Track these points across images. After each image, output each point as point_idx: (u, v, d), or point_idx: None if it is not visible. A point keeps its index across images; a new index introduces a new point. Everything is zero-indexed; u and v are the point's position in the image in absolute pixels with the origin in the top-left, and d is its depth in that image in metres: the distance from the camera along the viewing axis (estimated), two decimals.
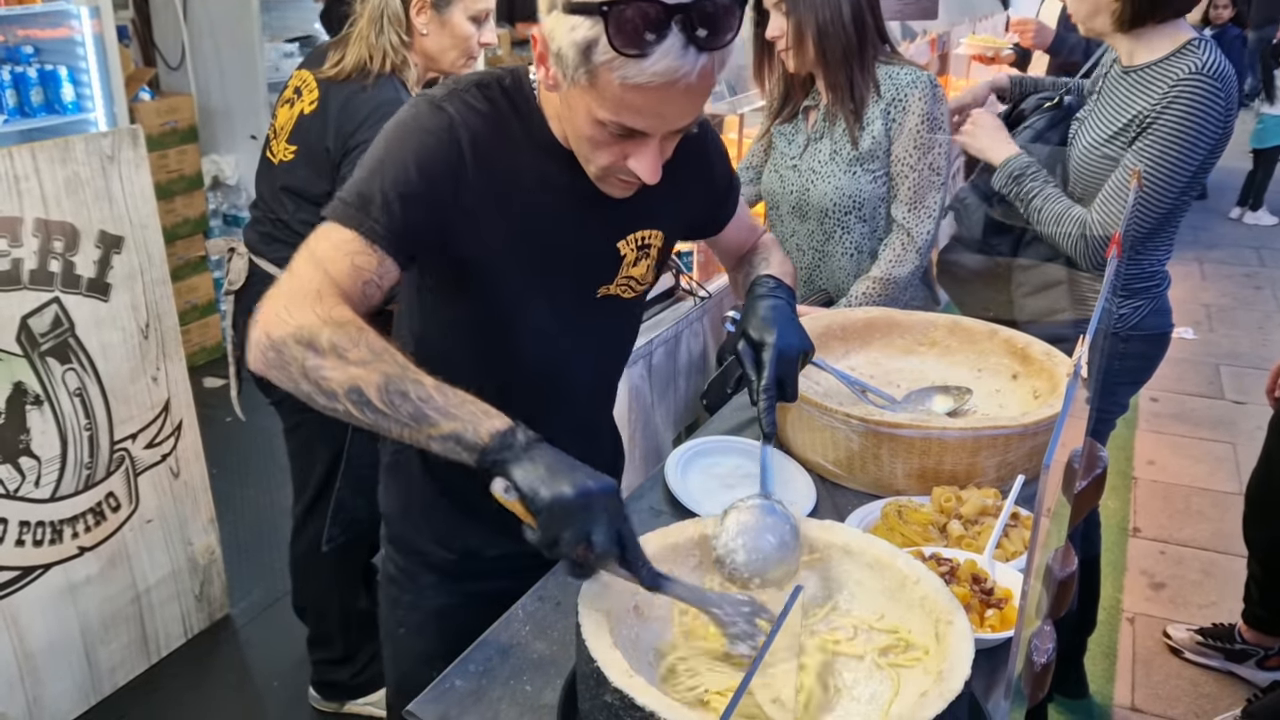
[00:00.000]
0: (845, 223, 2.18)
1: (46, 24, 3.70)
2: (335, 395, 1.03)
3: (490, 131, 1.21)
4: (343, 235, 1.14)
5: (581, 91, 1.09)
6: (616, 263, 1.35)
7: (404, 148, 1.18)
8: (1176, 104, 1.89)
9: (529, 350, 1.33)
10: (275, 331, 1.05)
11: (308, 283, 1.10)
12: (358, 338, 1.04)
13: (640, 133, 1.12)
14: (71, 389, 2.37)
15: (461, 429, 1.00)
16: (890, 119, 2.10)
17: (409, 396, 1.01)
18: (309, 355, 1.03)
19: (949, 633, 1.01)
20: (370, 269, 1.14)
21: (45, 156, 2.25)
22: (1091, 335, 0.90)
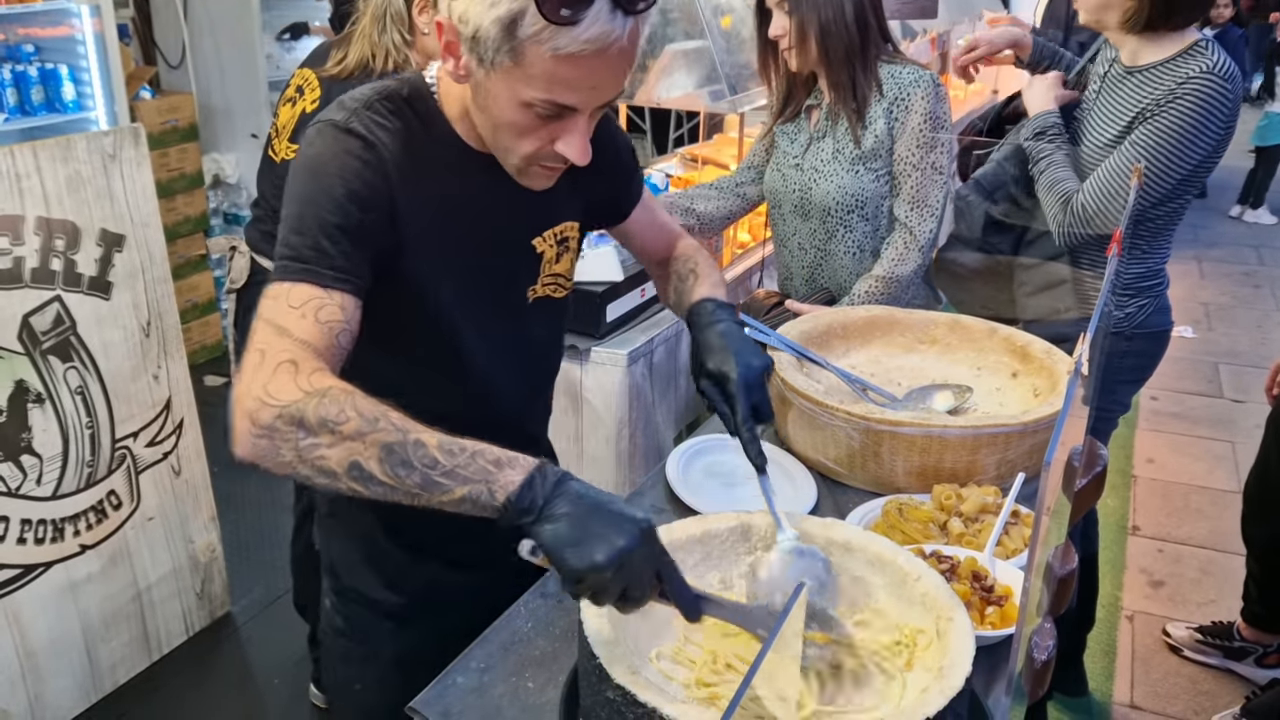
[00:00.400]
0: (848, 221, 2.18)
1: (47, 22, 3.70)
2: (336, 475, 0.95)
3: (403, 147, 1.16)
4: (298, 294, 1.06)
5: (504, 74, 1.04)
6: (537, 261, 1.31)
7: (330, 181, 1.11)
8: (1184, 99, 1.89)
9: (468, 366, 1.28)
10: (261, 416, 0.96)
11: (279, 354, 1.01)
12: (346, 405, 0.96)
13: (568, 111, 1.08)
14: (73, 387, 2.37)
15: (475, 492, 0.93)
16: (893, 118, 2.10)
17: (413, 465, 0.93)
18: (300, 435, 0.95)
19: (950, 630, 1.01)
20: (337, 319, 1.07)
21: (47, 155, 2.25)
22: (1092, 333, 0.90)
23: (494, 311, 1.29)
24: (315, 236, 1.08)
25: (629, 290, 2.35)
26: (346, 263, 1.09)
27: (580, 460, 2.31)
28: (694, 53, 3.08)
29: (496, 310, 1.29)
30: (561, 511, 0.91)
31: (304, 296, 1.06)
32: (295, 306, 1.05)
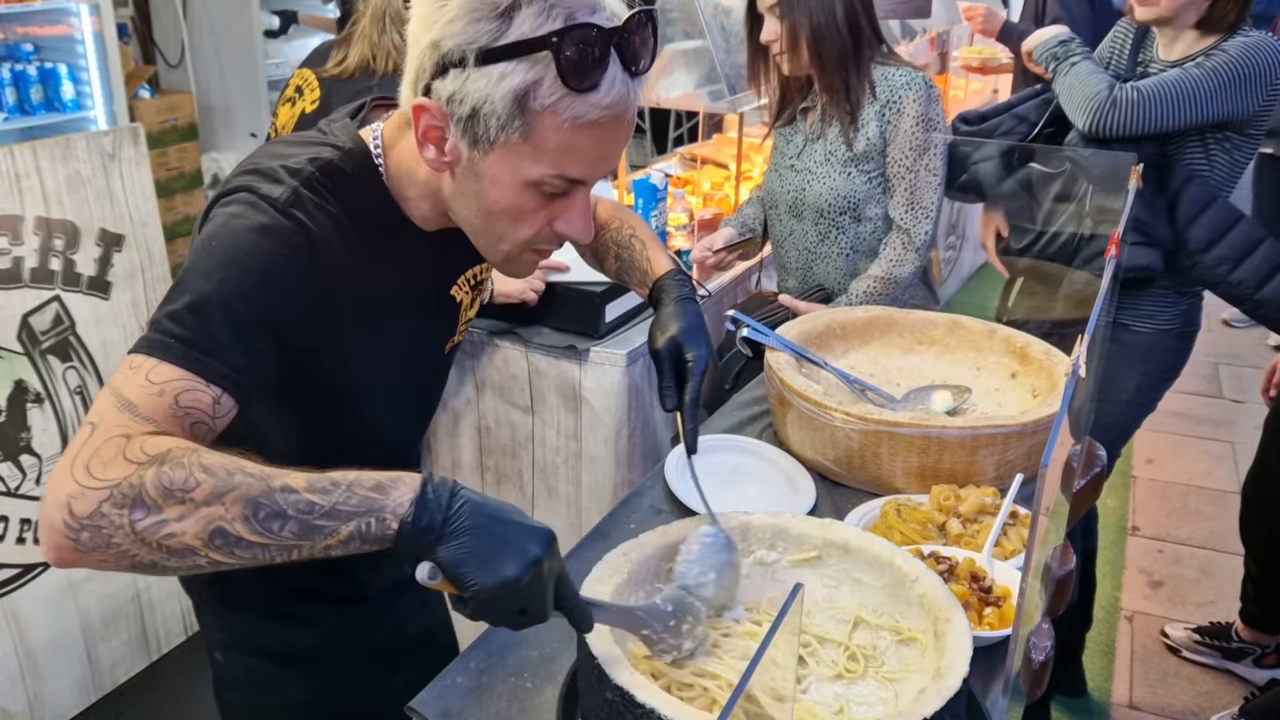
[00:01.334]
0: (840, 223, 2.20)
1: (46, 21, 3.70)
2: (192, 551, 0.81)
3: (344, 238, 1.03)
4: (164, 371, 0.89)
5: (507, 153, 0.96)
6: (456, 311, 1.24)
7: (252, 265, 0.95)
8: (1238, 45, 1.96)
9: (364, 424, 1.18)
10: (80, 506, 0.79)
11: (112, 430, 0.84)
12: (191, 467, 0.81)
13: (573, 186, 1.01)
14: (72, 387, 2.37)
15: (363, 526, 0.82)
16: (885, 120, 2.12)
17: (286, 515, 0.81)
18: (138, 515, 0.79)
19: (947, 630, 1.01)
20: (201, 409, 0.90)
21: (46, 154, 2.25)
22: (1090, 334, 0.90)
23: (411, 371, 1.21)
24: (216, 325, 0.92)
25: (628, 290, 2.35)
26: (245, 362, 0.93)
27: (579, 460, 2.31)
28: (694, 52, 3.08)
29: (415, 369, 1.22)
30: (464, 526, 0.83)
31: (170, 375, 0.89)
32: (154, 383, 0.88)
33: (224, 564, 0.82)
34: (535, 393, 2.29)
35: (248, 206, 0.99)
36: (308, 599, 1.29)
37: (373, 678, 1.36)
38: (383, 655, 1.37)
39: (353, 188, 1.05)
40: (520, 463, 2.39)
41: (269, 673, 1.31)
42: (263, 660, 1.31)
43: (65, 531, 0.80)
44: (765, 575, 1.18)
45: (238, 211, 0.99)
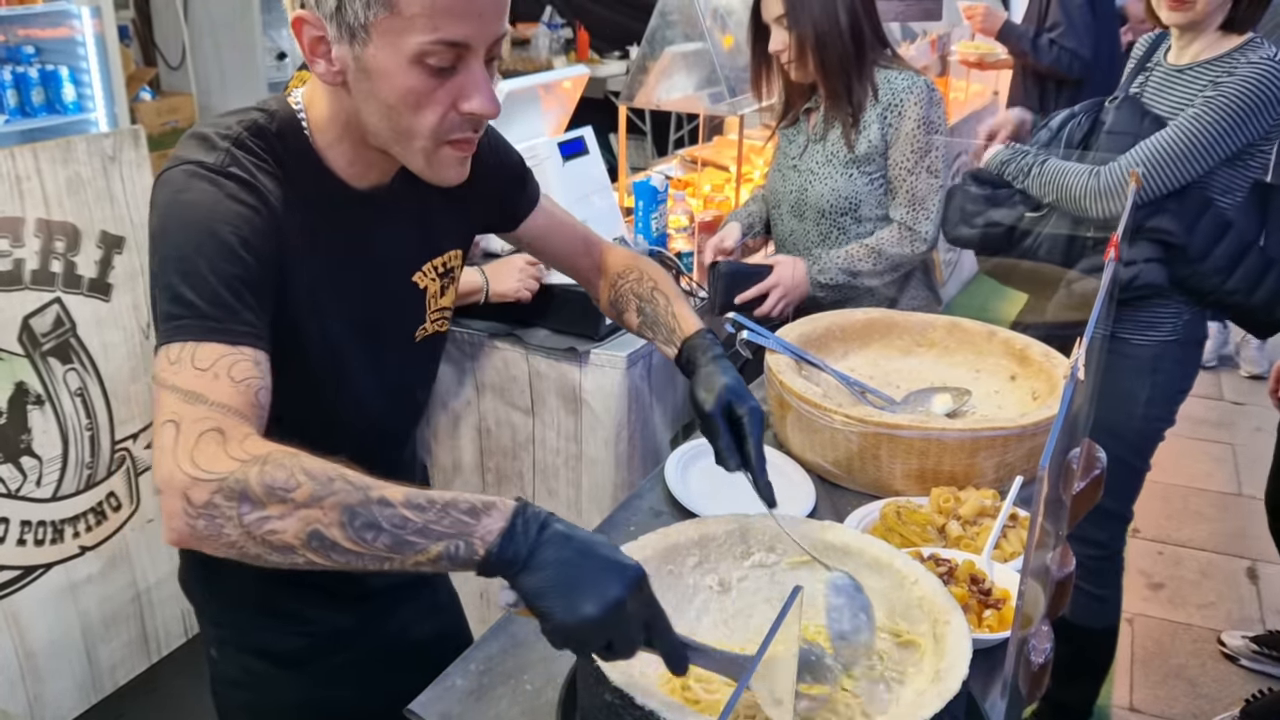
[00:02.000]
0: (840, 223, 2.24)
1: (47, 24, 3.71)
2: (292, 549, 0.84)
3: (284, 191, 1.06)
4: (205, 353, 0.94)
5: (382, 35, 0.97)
6: (421, 298, 1.24)
7: (217, 227, 0.99)
8: (1240, 80, 1.92)
9: (350, 412, 1.21)
10: (196, 495, 0.85)
11: (198, 424, 0.89)
12: (293, 469, 0.85)
13: (462, 56, 1.00)
14: (73, 389, 2.37)
15: (452, 548, 0.84)
16: (886, 123, 2.17)
17: (381, 527, 0.84)
18: (245, 509, 0.84)
19: (947, 633, 1.01)
20: (254, 375, 0.95)
21: (47, 156, 2.25)
22: (1089, 336, 0.91)
23: (382, 355, 1.22)
24: (213, 289, 0.96)
25: None
26: (253, 316, 0.98)
27: (579, 462, 2.31)
28: (693, 55, 3.08)
29: (384, 354, 1.23)
30: (548, 559, 0.83)
31: (212, 356, 0.93)
32: (204, 369, 0.93)
33: (323, 566, 0.85)
34: (535, 394, 2.29)
35: (192, 178, 1.02)
36: (306, 596, 1.29)
37: (375, 680, 1.35)
38: (387, 657, 1.37)
39: (283, 146, 1.08)
40: (521, 464, 2.39)
41: (264, 672, 1.31)
42: (258, 659, 1.31)
43: (185, 517, 0.85)
44: (765, 578, 1.18)
45: (182, 185, 1.02)
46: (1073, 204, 2.08)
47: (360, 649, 1.34)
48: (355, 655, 1.34)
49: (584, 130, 2.47)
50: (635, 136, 6.77)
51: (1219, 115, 1.92)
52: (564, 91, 2.50)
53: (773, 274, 2.26)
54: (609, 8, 7.17)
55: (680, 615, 1.14)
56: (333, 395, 1.18)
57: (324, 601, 1.30)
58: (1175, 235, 2.01)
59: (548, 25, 6.95)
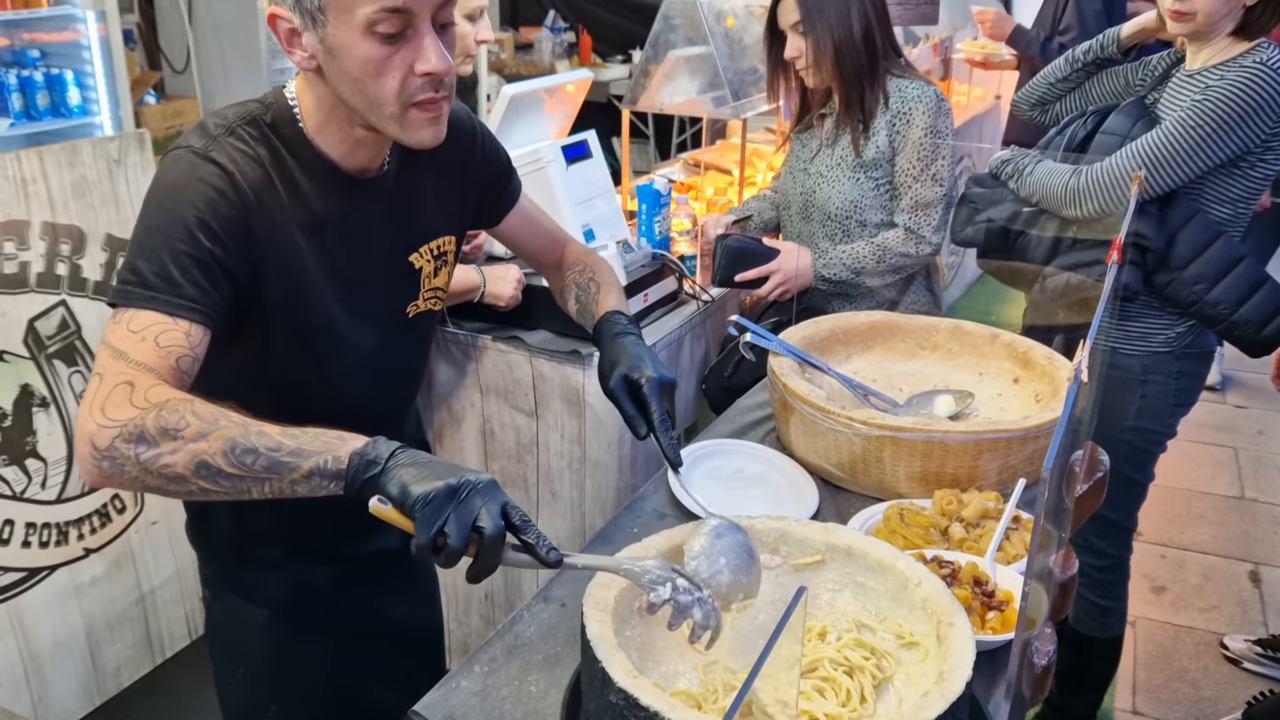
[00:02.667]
0: (846, 226, 2.29)
1: (52, 28, 3.72)
2: (184, 479, 0.97)
3: (266, 173, 1.15)
4: (140, 319, 1.05)
5: (335, 13, 1.06)
6: (416, 277, 1.33)
7: (182, 209, 1.09)
8: (1232, 82, 1.90)
9: (344, 392, 1.29)
10: (100, 441, 0.98)
11: (116, 378, 1.02)
12: (184, 412, 0.98)
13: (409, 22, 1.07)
14: (77, 391, 2.38)
15: (321, 463, 0.96)
16: (894, 130, 2.22)
17: (259, 451, 0.96)
18: (141, 449, 0.97)
19: (950, 634, 1.02)
20: (179, 344, 1.06)
21: (53, 160, 2.26)
22: (1092, 338, 0.91)
23: (374, 330, 1.29)
24: (163, 264, 1.06)
25: (632, 295, 2.36)
26: (196, 292, 1.07)
27: (583, 464, 2.31)
28: (697, 59, 3.09)
29: (376, 329, 1.29)
30: (406, 461, 0.95)
31: (145, 322, 1.05)
32: (135, 331, 1.05)
33: (212, 491, 0.98)
34: (539, 397, 2.30)
35: (175, 161, 1.13)
36: (277, 546, 1.38)
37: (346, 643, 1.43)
38: (360, 625, 1.44)
39: (275, 134, 1.17)
40: (525, 467, 2.39)
41: (244, 614, 1.41)
42: (242, 601, 1.41)
43: (91, 460, 0.98)
44: (768, 579, 1.19)
45: (167, 166, 1.13)
46: (1053, 204, 2.07)
47: (334, 607, 1.42)
48: (328, 612, 1.41)
49: (587, 134, 2.48)
50: (638, 140, 6.78)
51: (1203, 119, 1.90)
52: (567, 95, 2.50)
53: (776, 259, 2.30)
54: (612, 12, 7.19)
55: None
56: (325, 369, 1.26)
57: (304, 555, 1.39)
58: (1150, 240, 1.97)
59: (551, 30, 6.97)
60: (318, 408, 1.12)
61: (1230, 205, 2.01)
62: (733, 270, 2.32)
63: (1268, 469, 3.84)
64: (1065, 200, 2.04)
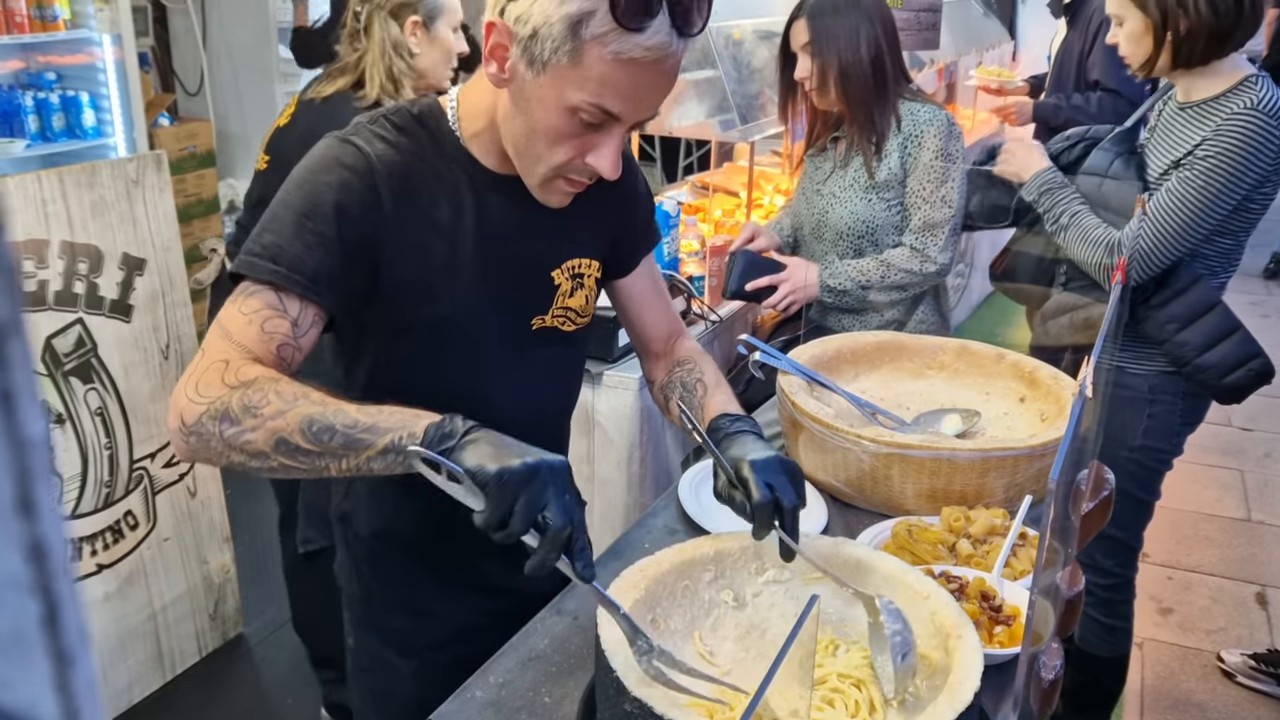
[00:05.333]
0: (858, 246, 2.32)
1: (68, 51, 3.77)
2: (265, 454, 1.00)
3: (406, 161, 1.16)
4: (252, 303, 1.07)
5: (556, 76, 1.05)
6: (551, 292, 1.29)
7: (317, 188, 1.11)
8: (1226, 136, 1.88)
9: (457, 390, 1.24)
10: (188, 416, 1.01)
11: (215, 356, 1.05)
12: (268, 390, 1.00)
13: (609, 122, 1.09)
14: (93, 408, 2.41)
15: (397, 438, 0.97)
16: (906, 153, 2.25)
17: (335, 428, 0.98)
18: (225, 426, 1.00)
19: (959, 646, 1.03)
20: (283, 332, 1.08)
21: (72, 181, 2.30)
22: (1096, 356, 0.93)
23: (496, 338, 1.26)
24: (290, 239, 1.08)
25: None
26: (318, 272, 1.09)
27: (592, 483, 2.33)
28: (705, 82, 3.13)
29: (498, 337, 1.26)
30: (480, 437, 0.96)
31: (255, 305, 1.07)
32: (244, 314, 1.07)
33: (291, 468, 1.01)
34: None
35: (319, 145, 1.16)
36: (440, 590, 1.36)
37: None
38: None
39: (420, 125, 1.19)
40: None
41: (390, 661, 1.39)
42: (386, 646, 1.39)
43: (180, 435, 1.02)
44: (780, 592, 1.20)
45: (314, 151, 1.16)
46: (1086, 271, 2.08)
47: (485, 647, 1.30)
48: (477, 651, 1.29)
49: None
50: (645, 163, 6.82)
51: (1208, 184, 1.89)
52: None
53: (786, 270, 2.33)
54: None
55: (696, 630, 1.16)
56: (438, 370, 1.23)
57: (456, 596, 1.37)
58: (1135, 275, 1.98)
59: None
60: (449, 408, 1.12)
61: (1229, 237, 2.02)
62: (744, 280, 2.34)
63: (1274, 491, 3.84)
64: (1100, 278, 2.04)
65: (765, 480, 1.13)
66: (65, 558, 0.20)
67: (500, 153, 1.19)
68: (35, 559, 0.20)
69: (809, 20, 2.21)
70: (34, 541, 0.20)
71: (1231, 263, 2.07)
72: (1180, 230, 1.93)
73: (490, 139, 1.19)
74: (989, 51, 5.28)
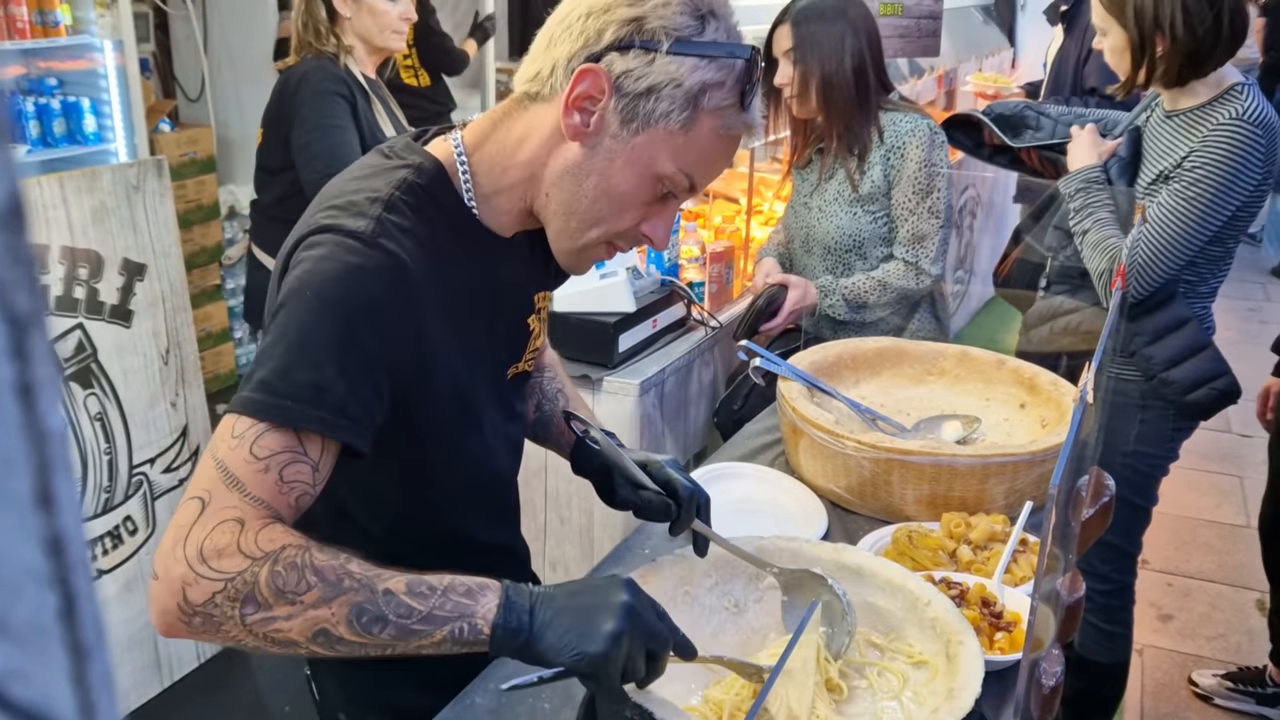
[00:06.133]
0: (846, 259, 2.31)
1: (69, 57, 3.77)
2: (295, 644, 0.87)
3: (427, 253, 1.01)
4: (268, 442, 0.89)
5: (656, 138, 0.99)
6: (526, 339, 1.22)
7: (354, 311, 0.94)
8: (1213, 148, 1.88)
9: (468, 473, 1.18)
10: (195, 595, 0.84)
11: (223, 513, 0.87)
12: (304, 569, 0.86)
13: (678, 195, 1.05)
14: (92, 414, 2.41)
15: (457, 630, 0.88)
16: (889, 164, 2.22)
17: (386, 619, 0.86)
18: (249, 611, 0.85)
19: (960, 653, 1.03)
20: (304, 481, 0.91)
21: (73, 186, 2.30)
22: (1096, 362, 0.93)
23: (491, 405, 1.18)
24: (330, 376, 0.91)
25: (641, 320, 2.39)
26: (362, 411, 0.94)
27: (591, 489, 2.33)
28: None
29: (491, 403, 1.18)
30: (542, 618, 0.89)
31: (273, 447, 0.89)
32: (258, 457, 0.89)
33: (320, 654, 0.88)
34: None
35: (336, 246, 0.96)
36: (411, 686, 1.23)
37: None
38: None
39: (431, 200, 1.04)
40: (533, 492, 2.41)
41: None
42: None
43: (179, 615, 0.85)
44: (779, 599, 1.20)
45: (327, 254, 0.96)
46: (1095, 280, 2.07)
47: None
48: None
49: None
50: None
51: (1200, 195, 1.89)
52: None
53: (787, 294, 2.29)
54: None
55: (696, 636, 1.16)
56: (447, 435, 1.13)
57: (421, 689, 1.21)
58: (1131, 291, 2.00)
59: None
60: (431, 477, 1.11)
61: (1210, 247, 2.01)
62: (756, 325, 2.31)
63: None
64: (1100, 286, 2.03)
65: (684, 478, 1.19)
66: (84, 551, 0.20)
67: (519, 214, 1.09)
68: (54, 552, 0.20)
69: (793, 26, 2.17)
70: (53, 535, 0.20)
71: (1221, 269, 2.08)
72: (1175, 243, 1.92)
73: (516, 200, 1.08)
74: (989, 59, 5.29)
